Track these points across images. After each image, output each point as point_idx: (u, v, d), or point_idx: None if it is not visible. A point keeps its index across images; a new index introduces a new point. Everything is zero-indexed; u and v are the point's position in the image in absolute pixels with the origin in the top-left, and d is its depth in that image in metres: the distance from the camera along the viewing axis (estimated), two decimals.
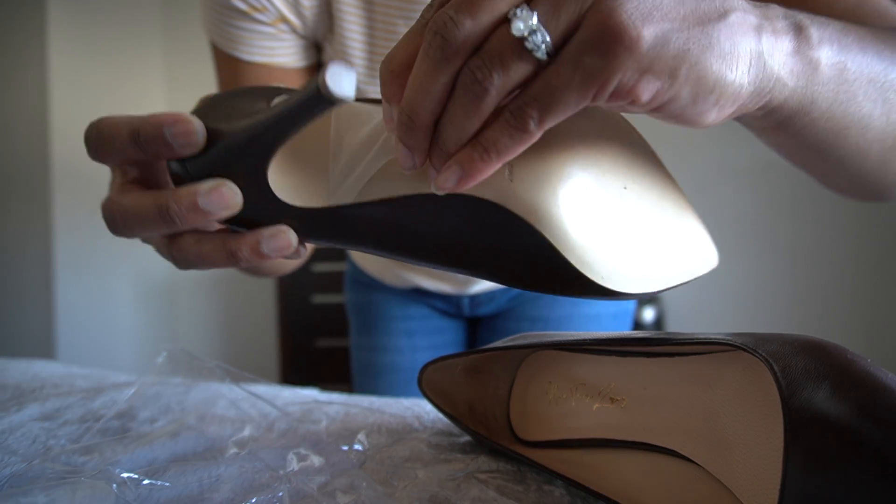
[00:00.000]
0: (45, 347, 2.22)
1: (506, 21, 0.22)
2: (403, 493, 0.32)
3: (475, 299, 0.79)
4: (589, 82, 0.22)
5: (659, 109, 0.24)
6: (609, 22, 0.21)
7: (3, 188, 2.35)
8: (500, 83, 0.22)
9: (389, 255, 0.29)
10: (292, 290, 2.21)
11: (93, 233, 2.32)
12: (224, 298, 2.65)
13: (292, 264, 0.62)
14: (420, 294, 0.80)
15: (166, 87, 2.53)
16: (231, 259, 0.29)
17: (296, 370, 2.19)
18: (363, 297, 0.84)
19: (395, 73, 0.25)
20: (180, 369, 0.47)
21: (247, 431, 0.43)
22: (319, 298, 2.18)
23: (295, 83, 0.57)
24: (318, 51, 0.60)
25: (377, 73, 0.56)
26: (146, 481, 0.33)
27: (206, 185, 0.27)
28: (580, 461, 0.34)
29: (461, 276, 0.74)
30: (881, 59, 0.30)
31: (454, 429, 0.43)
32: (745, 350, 0.24)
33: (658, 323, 2.08)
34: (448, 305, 0.80)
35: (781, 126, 0.30)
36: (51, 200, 2.22)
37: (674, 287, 0.29)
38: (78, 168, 2.23)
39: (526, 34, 0.22)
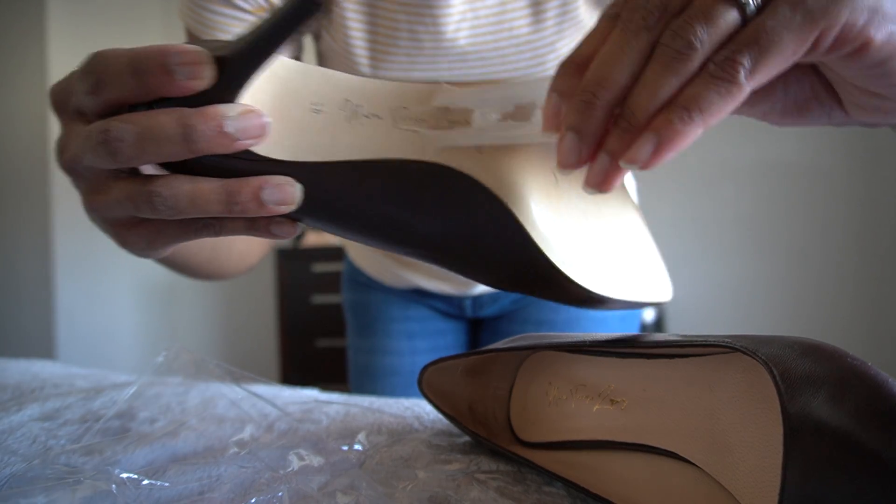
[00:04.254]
0: (45, 347, 2.22)
1: None
2: (403, 493, 0.32)
3: (478, 300, 0.78)
4: (811, 22, 0.20)
5: (884, 63, 0.22)
6: None
7: (3, 188, 2.35)
8: (706, 36, 0.21)
9: (358, 230, 0.28)
10: (292, 290, 2.21)
11: (92, 233, 2.32)
12: (224, 298, 2.66)
13: (221, 259, 0.54)
14: (420, 295, 0.80)
15: None
16: (228, 203, 0.26)
17: (296, 370, 2.20)
18: (361, 297, 0.83)
19: (577, 64, 0.23)
20: (180, 369, 0.47)
21: (247, 431, 0.43)
22: (319, 298, 2.19)
23: None
24: (307, 41, 0.59)
25: (379, 62, 0.56)
26: (146, 481, 0.33)
27: (235, 108, 0.25)
28: (580, 463, 0.34)
29: (463, 277, 0.73)
30: None
31: (454, 429, 0.43)
32: (744, 353, 0.24)
33: (658, 324, 2.08)
34: (449, 307, 0.80)
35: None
36: (51, 200, 2.22)
37: (625, 302, 0.29)
38: None
39: None
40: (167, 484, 0.34)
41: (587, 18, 0.55)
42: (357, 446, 0.39)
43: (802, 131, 2.01)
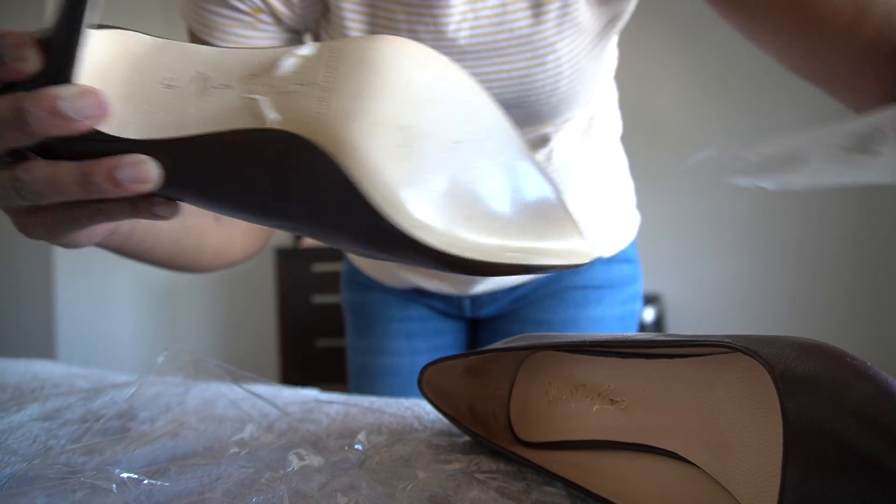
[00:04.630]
0: (45, 347, 2.22)
1: None
2: (403, 493, 0.32)
3: (476, 300, 0.78)
4: None
5: None
6: None
7: None
8: None
9: (224, 204, 0.28)
10: (292, 290, 2.21)
11: None
12: (224, 298, 2.66)
13: (165, 242, 0.50)
14: (419, 294, 0.80)
15: None
16: (84, 185, 0.26)
17: (296, 370, 2.20)
18: (360, 297, 0.83)
19: None
20: (180, 369, 0.47)
21: (247, 431, 0.43)
22: (319, 298, 2.18)
23: None
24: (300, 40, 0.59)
25: None
26: (146, 481, 0.33)
27: (69, 88, 0.25)
28: (580, 462, 0.34)
29: (462, 277, 0.73)
30: None
31: (454, 429, 0.43)
32: (744, 353, 0.24)
33: (658, 323, 2.08)
34: (448, 306, 0.80)
35: None
36: None
37: (517, 266, 0.27)
38: None
39: None
40: (167, 484, 0.34)
41: (586, 19, 0.55)
42: (357, 446, 0.39)
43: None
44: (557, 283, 0.77)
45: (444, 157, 0.26)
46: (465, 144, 0.27)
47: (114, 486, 0.32)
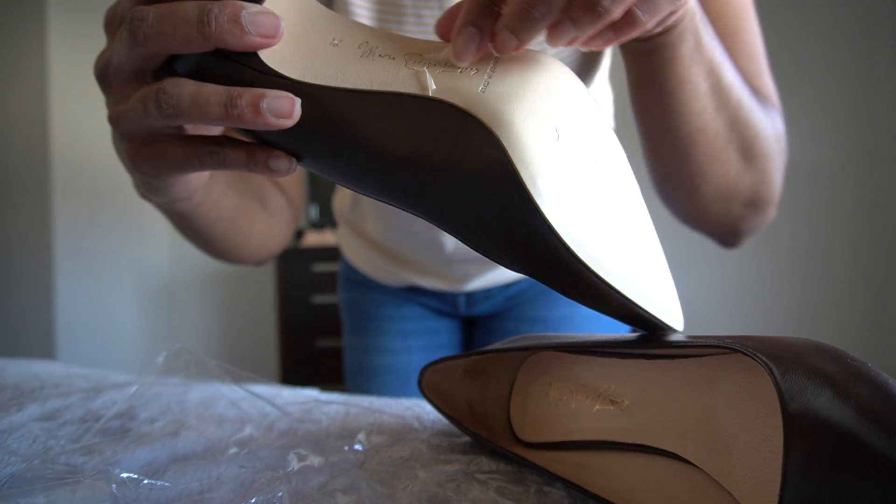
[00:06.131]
0: (45, 347, 2.22)
1: None
2: (403, 493, 0.32)
3: (471, 297, 0.78)
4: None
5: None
6: None
7: (3, 188, 2.35)
8: None
9: (347, 166, 0.28)
10: (292, 290, 2.21)
11: (93, 233, 2.32)
12: (224, 298, 2.66)
13: (224, 224, 0.51)
14: (415, 293, 0.80)
15: None
16: (227, 107, 0.27)
17: (296, 370, 2.20)
18: (356, 296, 0.84)
19: None
20: (180, 369, 0.47)
21: (247, 431, 0.43)
22: (319, 298, 2.19)
23: None
24: None
25: None
26: (146, 481, 0.33)
27: (254, 6, 0.27)
28: (580, 463, 0.34)
29: (457, 274, 0.74)
30: (720, 56, 0.43)
31: (454, 429, 0.43)
32: (744, 353, 0.24)
33: None
34: (443, 304, 0.80)
35: (655, 51, 0.40)
36: (51, 200, 2.22)
37: (626, 302, 0.27)
38: (78, 168, 2.23)
39: None
40: (167, 484, 0.34)
41: None
42: (357, 446, 0.39)
43: (802, 133, 2.01)
44: None
45: (585, 168, 0.27)
46: (601, 167, 0.28)
47: (114, 486, 0.32)
